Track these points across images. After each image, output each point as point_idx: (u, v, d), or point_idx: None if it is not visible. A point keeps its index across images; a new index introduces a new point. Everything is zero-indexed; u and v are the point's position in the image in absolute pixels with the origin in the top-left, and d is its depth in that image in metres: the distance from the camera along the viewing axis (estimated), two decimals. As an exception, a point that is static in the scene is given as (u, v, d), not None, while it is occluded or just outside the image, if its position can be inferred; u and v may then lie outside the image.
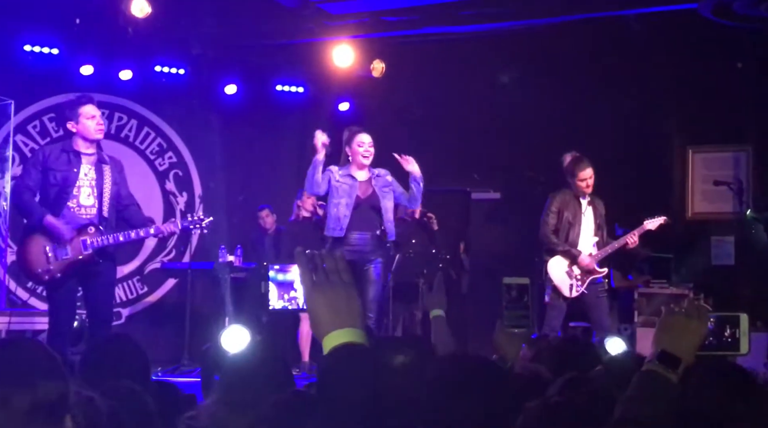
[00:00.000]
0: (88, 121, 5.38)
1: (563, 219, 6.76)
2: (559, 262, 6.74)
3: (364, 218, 6.31)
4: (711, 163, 8.60)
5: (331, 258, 1.68)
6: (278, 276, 6.53)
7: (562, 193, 6.85)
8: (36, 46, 8.01)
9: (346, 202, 6.28)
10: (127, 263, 8.63)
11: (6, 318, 6.79)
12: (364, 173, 6.47)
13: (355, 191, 6.33)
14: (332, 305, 1.62)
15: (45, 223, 5.27)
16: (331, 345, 1.60)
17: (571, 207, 6.77)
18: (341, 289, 1.64)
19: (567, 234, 6.75)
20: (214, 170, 9.23)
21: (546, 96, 8.97)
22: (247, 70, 9.17)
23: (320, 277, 1.65)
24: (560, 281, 6.71)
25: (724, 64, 8.34)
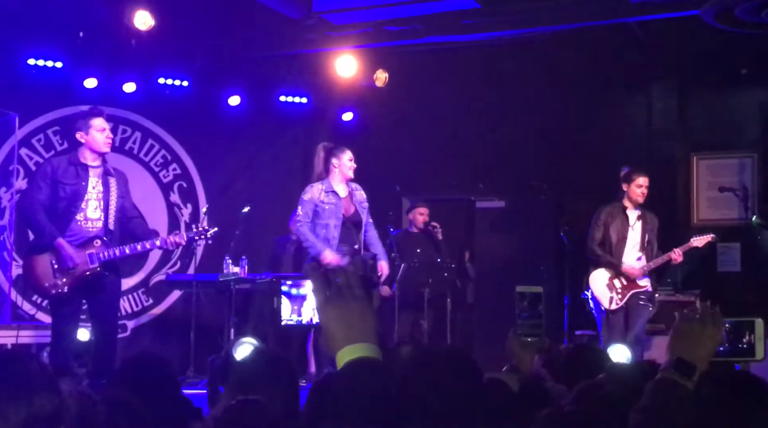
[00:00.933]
0: (98, 133, 5.42)
1: (609, 232, 6.86)
2: (602, 274, 6.87)
3: (345, 234, 6.44)
4: (716, 169, 8.59)
5: (343, 274, 1.68)
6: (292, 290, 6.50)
7: (611, 206, 6.96)
8: (40, 60, 8.02)
9: (334, 223, 6.40)
10: (132, 276, 8.62)
11: (13, 332, 6.78)
12: (344, 189, 6.56)
13: (340, 210, 6.44)
14: (346, 321, 1.62)
15: (56, 246, 5.29)
16: (344, 360, 1.60)
17: (618, 221, 6.88)
18: (354, 304, 1.64)
19: (612, 247, 6.85)
20: (218, 181, 9.24)
21: (550, 104, 8.98)
22: (250, 82, 9.19)
23: (333, 292, 1.65)
24: (600, 293, 6.86)
25: (728, 70, 8.34)
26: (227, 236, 8.60)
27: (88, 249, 5.34)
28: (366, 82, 9.08)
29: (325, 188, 6.48)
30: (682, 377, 1.91)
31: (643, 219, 6.93)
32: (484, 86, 9.10)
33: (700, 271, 7.96)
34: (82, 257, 5.33)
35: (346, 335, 1.61)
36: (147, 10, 7.37)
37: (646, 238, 6.92)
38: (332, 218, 6.41)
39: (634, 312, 6.85)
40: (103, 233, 5.41)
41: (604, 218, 6.90)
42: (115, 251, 5.40)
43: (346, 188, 6.59)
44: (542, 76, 8.98)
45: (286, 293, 6.45)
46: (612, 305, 6.84)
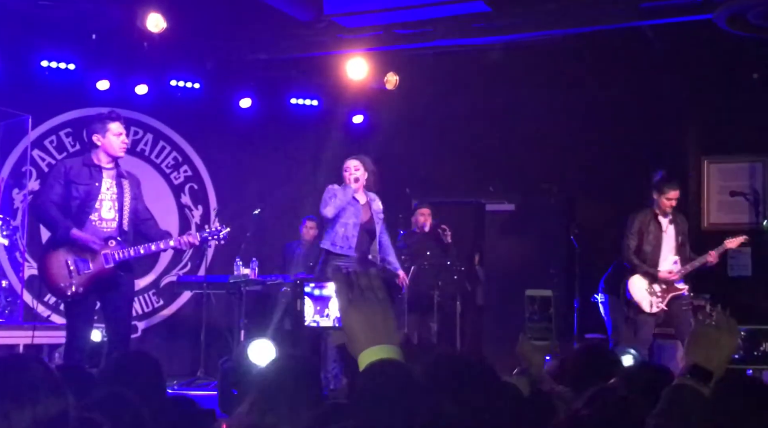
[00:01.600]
0: (114, 137, 5.45)
1: (644, 239, 6.93)
2: (640, 280, 6.94)
3: (360, 240, 6.66)
4: (727, 173, 8.57)
5: (365, 276, 1.68)
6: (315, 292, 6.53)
7: (643, 213, 7.02)
8: (53, 62, 8.07)
9: (353, 222, 6.63)
10: (143, 277, 8.66)
11: (26, 333, 6.82)
12: (363, 197, 6.80)
13: (360, 214, 6.68)
14: (368, 322, 1.63)
15: (72, 236, 5.30)
16: (366, 362, 1.60)
17: (652, 227, 6.95)
18: (377, 306, 1.65)
19: (648, 254, 6.93)
20: (229, 183, 9.27)
21: (560, 107, 8.97)
22: (261, 84, 9.22)
23: (356, 294, 1.66)
24: (641, 297, 6.91)
25: (740, 74, 8.32)
26: (238, 238, 8.63)
27: (103, 249, 5.37)
28: (376, 84, 9.10)
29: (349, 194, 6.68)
30: (698, 383, 1.91)
31: (674, 222, 7.03)
32: (494, 89, 9.11)
33: (710, 275, 7.91)
34: (98, 257, 5.36)
35: (368, 336, 1.62)
36: (159, 13, 7.41)
37: (679, 241, 7.02)
38: (352, 217, 6.65)
39: (678, 318, 6.91)
40: (117, 233, 5.44)
41: (638, 226, 6.97)
42: (130, 251, 5.43)
43: (364, 197, 6.82)
44: (553, 80, 8.98)
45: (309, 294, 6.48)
46: (653, 308, 6.91)
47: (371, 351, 1.61)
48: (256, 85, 9.19)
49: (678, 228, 7.01)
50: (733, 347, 2.01)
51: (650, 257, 6.95)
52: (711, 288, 7.81)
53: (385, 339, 1.62)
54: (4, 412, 1.54)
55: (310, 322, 6.22)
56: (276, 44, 8.56)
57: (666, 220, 7.01)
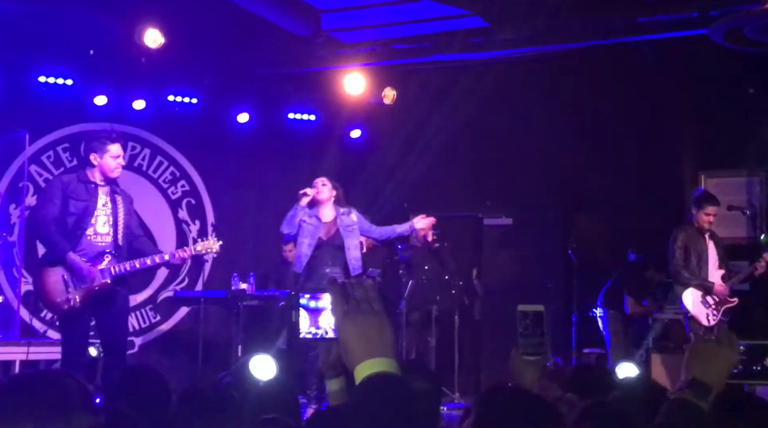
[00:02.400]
0: (112, 159, 5.47)
1: (690, 254, 7.01)
2: (694, 293, 6.98)
3: (327, 256, 6.89)
4: (724, 188, 8.57)
5: (361, 287, 1.65)
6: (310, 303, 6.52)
7: (686, 228, 7.12)
8: (50, 77, 8.07)
9: (308, 242, 6.90)
10: (140, 292, 8.64)
11: (23, 348, 6.79)
12: (330, 213, 7.02)
13: (318, 232, 6.93)
14: (364, 335, 1.59)
15: (68, 260, 5.31)
16: (363, 375, 1.57)
17: (697, 242, 7.04)
18: (373, 318, 1.61)
19: (695, 269, 7.00)
20: (226, 198, 9.27)
21: (557, 123, 8.99)
22: (259, 99, 9.23)
23: (352, 306, 1.62)
24: (697, 311, 6.94)
25: (736, 89, 8.34)
26: (235, 253, 8.62)
27: (98, 264, 5.37)
28: (374, 99, 9.11)
29: (309, 213, 7.01)
30: (697, 397, 1.89)
31: (714, 237, 7.15)
32: (491, 104, 9.12)
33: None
34: (93, 272, 5.36)
35: (364, 349, 1.58)
36: (157, 29, 7.43)
37: (720, 255, 7.12)
38: (308, 237, 6.93)
39: None
40: (112, 247, 5.45)
41: (683, 242, 7.04)
42: (125, 265, 5.43)
43: (332, 213, 7.04)
44: (550, 94, 9.00)
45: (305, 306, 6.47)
46: (710, 321, 6.93)
47: (367, 364, 1.57)
48: (253, 100, 9.20)
49: (718, 243, 7.14)
50: (733, 361, 2.00)
51: (701, 272, 7.04)
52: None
53: (382, 352, 1.58)
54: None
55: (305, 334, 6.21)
56: (274, 59, 8.58)
57: (707, 235, 7.12)
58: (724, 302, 7.01)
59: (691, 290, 6.98)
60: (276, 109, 9.41)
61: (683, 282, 6.99)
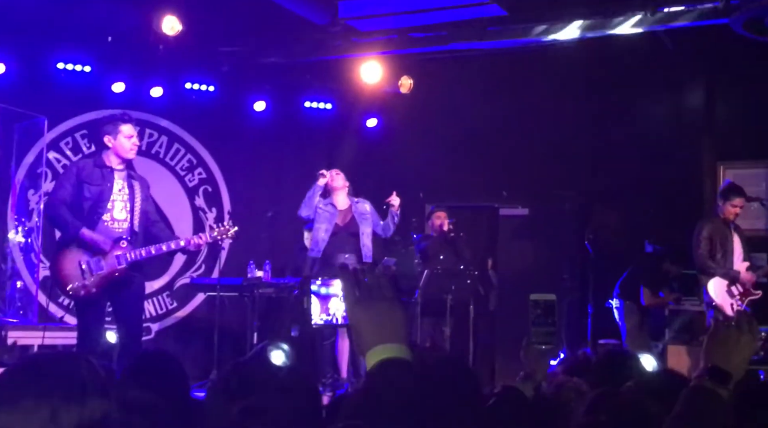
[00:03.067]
0: (125, 139, 5.47)
1: (716, 245, 7.05)
2: (719, 282, 7.01)
3: (342, 242, 7.13)
4: (742, 179, 8.48)
5: (373, 273, 1.65)
6: (321, 290, 6.53)
7: (712, 221, 7.15)
8: (69, 64, 8.11)
9: (325, 228, 7.16)
10: (157, 279, 8.69)
11: (40, 333, 6.85)
12: (345, 201, 7.32)
13: (334, 218, 7.19)
14: (375, 321, 1.60)
15: (81, 236, 5.31)
16: (374, 361, 1.58)
17: (722, 233, 7.08)
18: (384, 304, 1.62)
19: (720, 260, 7.04)
20: (242, 185, 9.29)
21: (575, 112, 8.95)
22: (275, 87, 9.24)
23: (363, 292, 1.63)
24: (722, 300, 6.97)
25: (756, 79, 8.27)
26: (251, 241, 8.64)
27: (115, 250, 5.39)
28: (391, 88, 9.09)
29: (324, 201, 7.31)
30: (716, 385, 1.87)
31: (738, 229, 7.18)
32: (508, 93, 9.09)
33: (726, 281, 7.88)
34: (110, 244, 5.37)
35: (375, 335, 1.59)
36: (174, 16, 7.44)
37: (744, 248, 7.15)
38: (325, 223, 7.19)
39: None
40: (128, 233, 5.46)
41: (708, 233, 7.07)
42: (142, 251, 5.44)
43: (347, 201, 7.32)
44: (568, 84, 8.95)
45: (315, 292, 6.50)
46: (734, 310, 6.95)
47: (378, 350, 1.58)
48: (270, 88, 9.21)
49: (742, 236, 7.16)
50: (753, 348, 1.96)
51: (726, 263, 7.07)
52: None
53: (393, 338, 1.58)
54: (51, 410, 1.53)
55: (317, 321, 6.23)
56: (291, 48, 8.57)
57: (731, 227, 7.14)
58: (749, 293, 7.03)
59: (717, 279, 7.00)
60: (292, 97, 9.41)
61: (710, 272, 7.02)
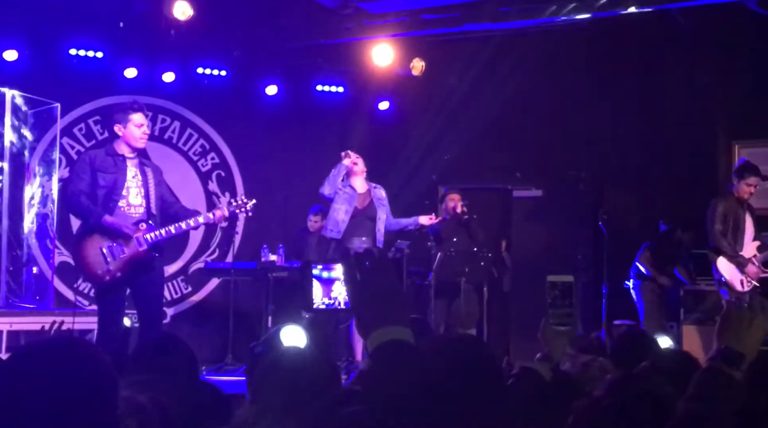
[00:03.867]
0: (136, 128, 5.49)
1: (728, 224, 7.06)
2: (729, 260, 7.03)
3: (359, 225, 7.15)
4: (758, 158, 8.41)
5: (374, 257, 1.66)
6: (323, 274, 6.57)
7: (726, 199, 7.16)
8: (81, 50, 8.12)
9: (345, 209, 7.17)
10: (172, 264, 8.72)
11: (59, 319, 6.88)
12: (363, 186, 7.35)
13: (353, 202, 7.21)
14: (376, 304, 1.61)
15: (104, 222, 5.36)
16: (376, 343, 1.59)
17: (735, 212, 7.09)
18: (385, 287, 1.63)
19: (734, 238, 7.05)
20: (255, 170, 9.30)
21: (589, 92, 8.90)
22: (287, 71, 9.22)
23: (364, 276, 1.64)
24: (732, 276, 6.99)
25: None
26: (265, 225, 8.66)
27: (135, 233, 5.43)
28: (402, 71, 9.07)
29: (343, 183, 7.30)
30: (729, 366, 1.86)
31: (750, 209, 7.18)
32: (521, 75, 9.03)
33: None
34: (133, 229, 5.41)
35: (376, 318, 1.60)
36: (186, 1, 7.43)
37: (755, 227, 7.14)
38: (345, 204, 7.19)
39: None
40: (146, 217, 5.50)
41: (722, 211, 7.08)
42: (161, 231, 5.48)
43: (365, 185, 7.35)
44: (581, 65, 8.90)
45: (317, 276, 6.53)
46: (744, 287, 6.96)
47: (380, 333, 1.59)
48: (282, 72, 9.19)
49: (753, 215, 7.16)
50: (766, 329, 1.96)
51: (738, 241, 7.07)
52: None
53: (394, 320, 1.59)
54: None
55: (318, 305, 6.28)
56: (302, 31, 8.56)
57: (745, 206, 7.14)
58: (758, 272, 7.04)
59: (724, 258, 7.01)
60: (304, 81, 9.40)
61: (723, 250, 7.02)
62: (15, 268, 7.79)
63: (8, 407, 1.52)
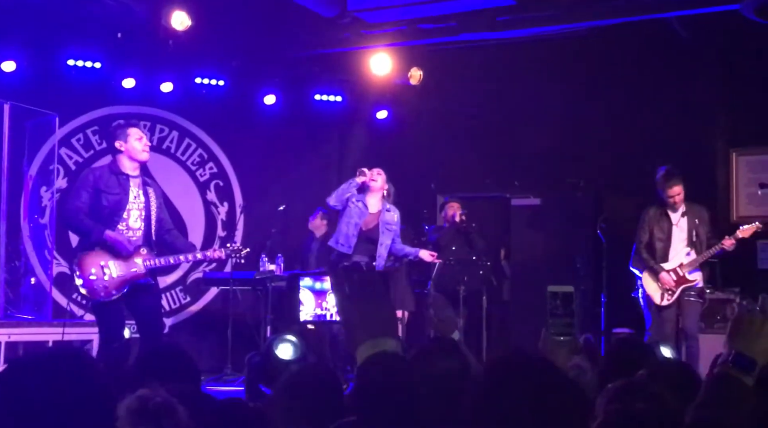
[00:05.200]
0: (136, 142, 5.53)
1: (654, 234, 6.99)
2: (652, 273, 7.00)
3: (359, 245, 6.93)
4: (755, 165, 8.45)
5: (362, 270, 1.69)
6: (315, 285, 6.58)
7: (654, 209, 7.07)
8: (79, 61, 8.14)
9: (355, 222, 6.94)
10: (170, 274, 8.72)
11: (55, 329, 6.88)
12: (377, 205, 7.05)
13: (363, 218, 6.97)
14: (365, 316, 1.62)
15: (106, 237, 5.37)
16: (364, 355, 1.60)
17: (661, 223, 6.99)
18: (374, 299, 1.65)
19: (659, 249, 6.98)
20: (254, 179, 9.31)
21: (586, 101, 8.90)
22: (285, 81, 9.24)
23: (353, 288, 1.65)
24: (652, 290, 6.97)
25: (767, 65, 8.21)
26: (263, 235, 8.66)
27: (135, 256, 5.45)
28: (400, 80, 9.08)
29: (358, 197, 7.04)
30: (741, 372, 1.84)
31: (688, 215, 6.99)
32: (519, 83, 9.05)
33: (739, 268, 7.84)
34: (134, 244, 5.43)
35: (365, 330, 1.61)
36: (184, 11, 7.44)
37: (693, 233, 6.97)
38: (355, 218, 6.95)
39: (684, 309, 6.95)
40: (143, 242, 5.52)
41: (647, 220, 7.02)
42: (161, 260, 5.56)
43: (379, 204, 7.07)
44: (579, 73, 8.91)
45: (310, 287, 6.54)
46: (663, 301, 6.93)
47: (369, 345, 1.60)
48: (280, 81, 9.21)
49: (691, 222, 6.96)
50: None
51: (661, 252, 6.99)
52: (740, 281, 7.73)
53: (382, 332, 1.61)
54: None
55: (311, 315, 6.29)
56: (300, 41, 8.57)
57: (677, 214, 6.99)
58: (682, 281, 6.90)
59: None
60: (302, 90, 9.41)
61: (640, 263, 6.99)
62: (13, 279, 7.78)
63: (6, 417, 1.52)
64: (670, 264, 6.96)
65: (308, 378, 2.64)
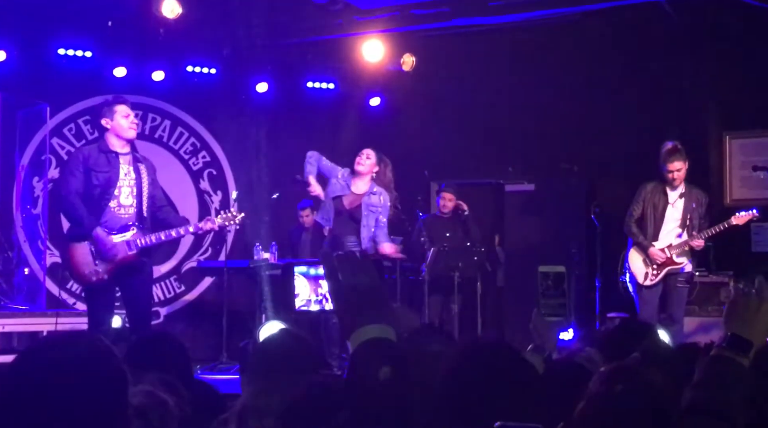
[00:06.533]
0: (123, 119, 5.47)
1: (646, 209, 6.90)
2: (638, 251, 6.93)
3: (345, 225, 6.83)
4: (749, 148, 8.45)
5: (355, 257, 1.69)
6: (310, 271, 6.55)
7: (653, 184, 6.98)
8: (69, 50, 8.09)
9: (332, 198, 6.87)
10: (164, 263, 8.71)
11: (49, 320, 6.88)
12: (363, 187, 6.90)
13: (343, 193, 6.87)
14: (357, 303, 1.63)
15: (94, 236, 5.35)
16: (358, 342, 1.61)
17: (657, 198, 6.90)
18: (366, 286, 1.65)
19: (648, 225, 6.90)
20: (247, 167, 9.28)
21: (579, 85, 8.89)
22: (277, 68, 9.20)
23: (345, 275, 1.66)
24: (637, 269, 6.91)
25: (761, 48, 8.19)
26: (257, 223, 8.64)
27: (124, 237, 5.41)
28: (393, 66, 9.05)
29: (344, 175, 6.91)
30: (737, 354, 1.84)
31: (686, 197, 6.90)
32: (511, 68, 9.03)
33: (733, 251, 7.85)
34: (118, 248, 5.39)
35: (358, 317, 1.62)
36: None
37: (688, 216, 6.89)
38: (335, 193, 6.87)
39: (670, 293, 6.90)
40: (136, 219, 5.48)
41: (644, 195, 6.93)
42: (151, 237, 5.47)
43: (365, 186, 6.91)
44: (571, 57, 8.89)
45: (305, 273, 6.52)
46: (646, 281, 6.88)
47: (362, 331, 1.61)
48: (272, 69, 9.17)
49: (688, 204, 6.87)
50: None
51: (652, 229, 6.90)
52: (734, 264, 7.75)
53: (375, 319, 1.61)
54: None
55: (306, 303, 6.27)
56: (292, 28, 8.53)
57: (675, 193, 6.89)
58: (668, 263, 6.84)
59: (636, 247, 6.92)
60: (295, 78, 9.37)
61: (630, 236, 6.92)
62: (7, 270, 7.76)
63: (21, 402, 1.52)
64: (659, 244, 6.90)
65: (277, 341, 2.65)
